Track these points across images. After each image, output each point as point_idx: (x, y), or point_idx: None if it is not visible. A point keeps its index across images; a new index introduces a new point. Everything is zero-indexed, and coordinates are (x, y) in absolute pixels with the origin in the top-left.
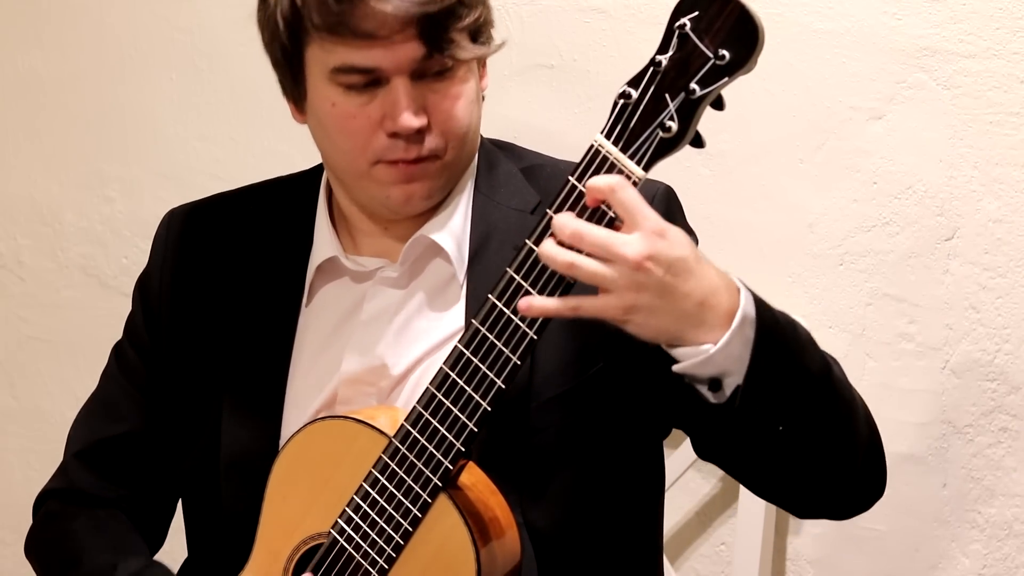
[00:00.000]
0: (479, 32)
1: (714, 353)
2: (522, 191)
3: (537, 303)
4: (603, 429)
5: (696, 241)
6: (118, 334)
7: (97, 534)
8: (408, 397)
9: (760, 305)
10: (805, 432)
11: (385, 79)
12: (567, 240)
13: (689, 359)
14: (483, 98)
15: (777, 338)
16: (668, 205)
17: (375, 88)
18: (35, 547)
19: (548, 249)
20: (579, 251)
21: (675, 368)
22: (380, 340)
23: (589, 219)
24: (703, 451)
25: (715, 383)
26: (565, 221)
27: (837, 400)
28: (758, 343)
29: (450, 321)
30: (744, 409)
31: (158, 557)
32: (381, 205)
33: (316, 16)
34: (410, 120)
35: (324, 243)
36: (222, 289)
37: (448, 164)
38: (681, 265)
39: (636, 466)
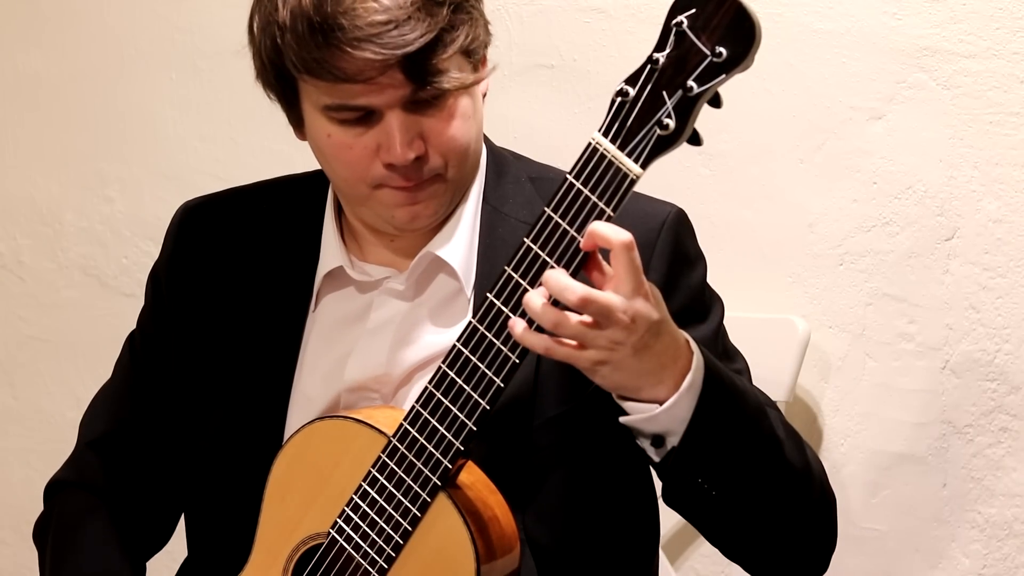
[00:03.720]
0: (470, 52)
1: (659, 413)
2: (531, 202)
3: (518, 330)
4: (604, 445)
5: (705, 268)
6: (118, 334)
7: (98, 558)
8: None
9: (711, 371)
10: (743, 498)
11: (378, 113)
12: (573, 304)
13: (636, 414)
14: (484, 95)
15: (720, 407)
16: (678, 230)
17: (369, 120)
18: (40, 540)
19: (534, 305)
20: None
21: (622, 420)
22: (385, 349)
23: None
24: (665, 498)
25: (658, 439)
26: (570, 285)
27: (782, 472)
28: (699, 410)
29: (456, 333)
30: (678, 469)
31: (158, 556)
32: (386, 223)
33: (297, 61)
34: (405, 153)
35: (331, 252)
36: (230, 287)
37: (452, 181)
38: (657, 327)
39: (635, 477)
